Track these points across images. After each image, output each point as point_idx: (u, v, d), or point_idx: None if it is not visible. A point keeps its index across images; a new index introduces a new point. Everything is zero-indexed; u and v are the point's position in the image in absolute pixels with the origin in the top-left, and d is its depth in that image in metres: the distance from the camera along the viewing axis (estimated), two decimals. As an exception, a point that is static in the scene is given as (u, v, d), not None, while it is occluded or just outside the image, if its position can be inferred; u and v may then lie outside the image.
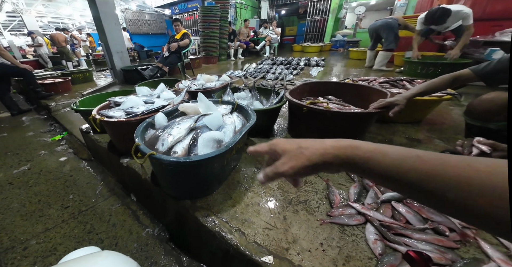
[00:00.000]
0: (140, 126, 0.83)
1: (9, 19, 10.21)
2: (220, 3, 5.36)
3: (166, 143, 0.73)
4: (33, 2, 8.20)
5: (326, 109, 0.99)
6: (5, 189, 1.52)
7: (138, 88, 1.34)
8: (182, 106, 0.95)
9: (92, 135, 1.48)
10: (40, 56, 6.69)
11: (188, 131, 0.80)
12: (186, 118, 0.88)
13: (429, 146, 1.20)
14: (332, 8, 7.56)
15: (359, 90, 1.35)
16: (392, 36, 3.08)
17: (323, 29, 8.08)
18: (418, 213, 0.70)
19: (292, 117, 1.28)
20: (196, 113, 0.92)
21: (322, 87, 1.46)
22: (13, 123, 2.79)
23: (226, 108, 0.95)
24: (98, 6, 2.99)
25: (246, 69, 3.77)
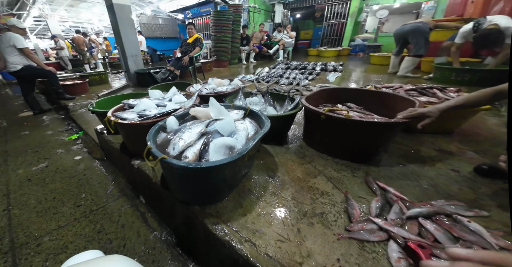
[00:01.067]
0: (152, 130, 0.83)
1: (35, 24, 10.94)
2: (233, 7, 5.42)
3: (177, 147, 0.72)
4: (57, 7, 8.73)
5: (346, 118, 0.93)
6: (24, 185, 1.58)
7: (150, 91, 1.36)
8: (193, 110, 0.94)
9: (106, 135, 1.52)
10: (61, 59, 7.07)
11: (199, 136, 0.78)
12: (197, 122, 0.87)
13: (462, 159, 1.10)
14: (351, 11, 7.30)
15: (383, 98, 1.27)
16: (422, 42, 2.90)
17: (341, 33, 7.81)
18: (449, 231, 0.64)
19: (308, 124, 1.24)
20: (208, 118, 0.91)
21: (341, 94, 1.40)
22: (35, 122, 2.94)
23: (238, 114, 0.93)
24: (115, 11, 3.12)
25: (259, 74, 3.71)
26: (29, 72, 2.87)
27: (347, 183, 0.90)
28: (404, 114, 0.91)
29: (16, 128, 2.73)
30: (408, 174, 0.96)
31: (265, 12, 8.66)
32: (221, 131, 0.75)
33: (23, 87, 3.00)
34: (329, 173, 0.97)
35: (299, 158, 1.10)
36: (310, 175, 0.95)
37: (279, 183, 0.91)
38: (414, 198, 0.81)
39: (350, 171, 0.99)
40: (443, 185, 0.89)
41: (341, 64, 4.03)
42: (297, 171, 0.99)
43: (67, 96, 3.20)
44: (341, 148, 1.06)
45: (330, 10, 7.85)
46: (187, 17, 8.68)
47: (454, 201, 0.77)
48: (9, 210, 1.36)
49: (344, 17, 7.56)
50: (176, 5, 8.44)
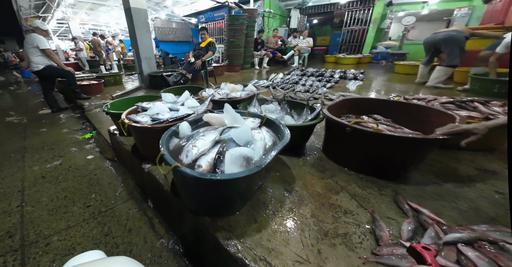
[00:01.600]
0: (165, 135, 0.81)
1: (58, 26, 11.59)
2: (247, 12, 5.41)
3: (190, 154, 0.69)
4: (78, 10, 9.22)
5: (375, 131, 0.86)
6: (38, 182, 1.62)
7: (163, 94, 1.36)
8: (207, 116, 0.91)
9: (118, 137, 1.53)
10: (79, 60, 7.40)
11: (213, 144, 0.75)
12: (210, 129, 0.84)
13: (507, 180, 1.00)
14: (373, 18, 6.95)
15: (415, 111, 1.16)
16: (457, 51, 2.71)
17: (361, 40, 7.44)
18: (494, 260, 0.56)
19: (329, 136, 1.16)
20: (221, 125, 0.88)
21: (366, 105, 1.30)
22: (52, 120, 3.05)
23: (254, 122, 0.89)
24: (132, 15, 3.22)
25: (273, 79, 3.61)
26: (50, 72, 3.00)
27: (373, 202, 0.82)
28: (444, 130, 0.83)
29: (35, 125, 2.84)
30: (444, 194, 0.87)
31: (280, 17, 8.40)
32: (236, 140, 0.72)
33: (44, 86, 3.14)
34: (353, 190, 0.90)
35: (319, 172, 1.03)
36: (332, 191, 0.89)
37: (297, 198, 0.85)
38: (452, 221, 0.73)
39: (377, 188, 0.91)
40: (485, 208, 0.80)
41: (362, 72, 3.80)
42: (317, 185, 0.92)
43: (83, 96, 3.30)
44: (367, 163, 0.98)
45: (350, 16, 7.55)
46: (201, 21, 8.84)
47: (500, 226, 0.69)
48: (22, 207, 1.38)
49: (365, 23, 7.24)
50: (190, 10, 8.63)
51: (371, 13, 6.99)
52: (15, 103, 4.32)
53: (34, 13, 8.90)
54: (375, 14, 6.90)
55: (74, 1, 7.70)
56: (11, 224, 1.25)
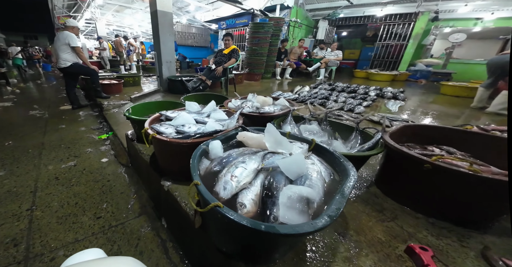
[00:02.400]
0: (195, 154, 0.70)
1: (86, 25, 12.25)
2: (274, 20, 5.25)
3: (229, 187, 0.57)
4: (106, 12, 9.71)
5: (471, 172, 0.68)
6: (51, 184, 1.56)
7: (187, 103, 1.27)
8: (243, 135, 0.80)
9: (136, 143, 1.45)
10: (102, 59, 7.70)
11: (256, 174, 0.63)
12: (248, 152, 0.72)
13: None
14: (415, 33, 6.38)
15: (500, 145, 0.97)
16: None
17: (398, 55, 6.94)
18: None
19: (390, 169, 0.99)
20: (260, 147, 0.75)
21: (431, 134, 1.13)
22: (72, 116, 3.09)
23: (303, 148, 0.75)
24: (158, 17, 3.25)
25: (298, 92, 3.38)
26: (76, 69, 3.07)
27: (454, 256, 0.67)
28: None
29: (55, 121, 2.88)
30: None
31: (306, 28, 8.11)
32: (286, 172, 0.59)
33: (68, 83, 3.21)
34: (424, 238, 0.74)
35: (376, 211, 0.87)
36: (397, 238, 0.73)
37: (353, 245, 0.70)
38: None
39: (456, 238, 0.75)
40: None
41: (402, 91, 3.46)
42: (376, 230, 0.77)
43: (103, 94, 3.34)
44: (443, 206, 0.82)
45: (386, 30, 7.08)
46: (221, 27, 8.90)
47: None
48: (32, 210, 1.32)
49: (404, 38, 6.69)
50: (212, 16, 8.73)
51: (412, 28, 6.46)
52: (40, 96, 4.48)
53: (66, 12, 9.47)
54: (417, 29, 6.35)
55: (103, 3, 8.09)
56: (18, 230, 1.18)
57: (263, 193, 0.55)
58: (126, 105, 3.12)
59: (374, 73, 5.94)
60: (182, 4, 8.15)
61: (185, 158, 0.67)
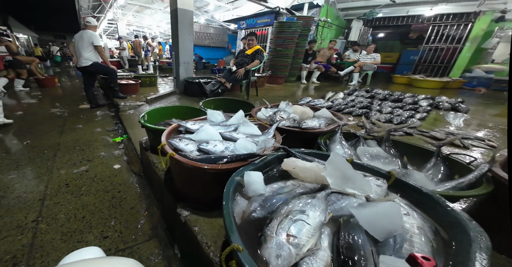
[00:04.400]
0: (227, 193, 0.52)
1: (108, 26, 12.88)
2: (302, 19, 4.90)
3: (285, 255, 0.39)
4: (127, 12, 10.09)
5: None
6: (61, 191, 1.49)
7: (210, 112, 1.10)
8: (293, 165, 0.60)
9: (150, 154, 1.31)
10: (121, 58, 7.95)
11: (320, 227, 0.43)
12: (302, 191, 0.53)
13: None
14: (473, 35, 5.61)
15: None
16: None
17: (450, 60, 6.17)
18: None
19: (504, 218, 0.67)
20: (316, 182, 0.56)
21: None
22: (89, 115, 3.11)
23: (382, 187, 0.53)
24: (178, 16, 3.17)
25: (332, 99, 2.99)
26: (96, 68, 3.09)
27: None
28: None
29: (73, 120, 2.91)
30: None
31: (337, 28, 7.45)
32: (368, 229, 0.39)
33: (86, 82, 3.25)
34: None
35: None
36: None
37: None
38: None
39: None
40: None
41: (462, 102, 2.90)
42: None
43: (120, 94, 3.34)
44: None
45: (435, 32, 6.32)
46: (241, 27, 8.75)
47: None
48: (38, 222, 1.24)
49: (458, 41, 5.93)
50: (231, 15, 8.62)
51: (469, 29, 5.68)
52: (63, 94, 4.64)
53: (91, 13, 10.00)
54: (476, 30, 5.57)
55: (125, 3, 8.39)
56: (20, 245, 1.09)
57: (341, 264, 0.35)
58: (141, 106, 3.07)
59: (419, 80, 5.18)
60: (201, 3, 8.20)
61: (209, 185, 0.50)
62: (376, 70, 5.12)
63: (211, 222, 0.77)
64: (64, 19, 20.71)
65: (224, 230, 0.41)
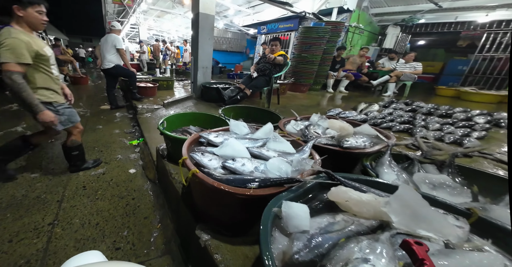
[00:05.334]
0: (265, 232, 0.44)
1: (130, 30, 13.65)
2: (332, 24, 4.63)
3: None
4: (148, 17, 10.63)
5: None
6: (77, 194, 1.50)
7: (234, 123, 1.04)
8: (346, 196, 0.51)
9: (167, 163, 1.28)
10: (141, 61, 8.32)
11: None
12: (358, 230, 0.44)
13: None
14: None
15: None
16: None
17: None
18: None
19: None
20: (375, 218, 0.47)
21: None
22: (109, 117, 3.22)
23: (463, 229, 0.43)
24: (199, 20, 3.20)
25: (366, 112, 2.71)
26: (117, 70, 3.21)
27: None
28: None
29: (94, 120, 3.03)
30: None
31: (369, 34, 6.98)
32: None
33: (109, 83, 3.39)
34: None
35: None
36: None
37: None
38: None
39: None
40: None
41: None
42: None
43: (138, 96, 3.43)
44: None
45: (491, 40, 5.67)
46: (261, 32, 8.63)
47: None
48: (53, 226, 1.25)
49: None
50: (251, 20, 8.56)
51: None
52: (87, 94, 4.91)
53: (115, 17, 10.66)
54: None
55: (147, 8, 8.83)
56: (35, 250, 1.10)
57: None
58: (158, 110, 3.12)
59: (471, 93, 4.58)
60: (221, 8, 8.39)
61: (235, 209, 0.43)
62: (416, 80, 4.65)
63: (234, 250, 0.69)
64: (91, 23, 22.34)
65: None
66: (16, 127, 2.61)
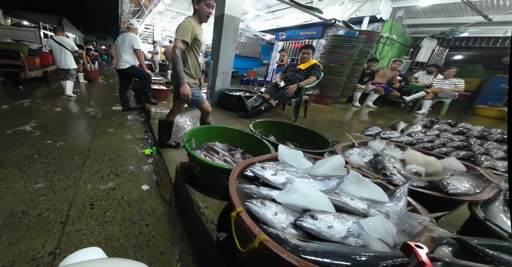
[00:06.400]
0: None
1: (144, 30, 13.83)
2: (366, 34, 4.41)
3: None
4: (163, 18, 10.70)
5: None
6: (84, 214, 1.33)
7: (286, 152, 0.84)
8: None
9: (191, 189, 1.07)
10: (153, 62, 8.30)
11: None
12: None
13: None
14: None
15: None
16: None
17: None
18: None
19: None
20: None
21: None
22: (121, 119, 3.09)
23: None
24: (224, 23, 3.02)
25: (410, 132, 2.45)
26: (133, 71, 3.09)
27: None
28: None
29: (105, 122, 2.90)
30: None
31: (400, 46, 6.64)
32: None
33: (122, 84, 3.27)
34: None
35: None
36: None
37: None
38: None
39: None
40: None
41: None
42: None
43: (152, 100, 3.29)
44: None
45: None
46: (280, 38, 8.41)
47: None
48: (55, 256, 1.06)
49: None
50: (270, 25, 8.31)
51: None
52: (98, 94, 4.83)
53: (131, 17, 10.81)
54: None
55: (163, 9, 8.88)
56: None
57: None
58: (173, 115, 2.96)
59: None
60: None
61: None
62: (456, 98, 4.31)
63: None
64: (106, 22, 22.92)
65: None
66: (25, 126, 2.48)
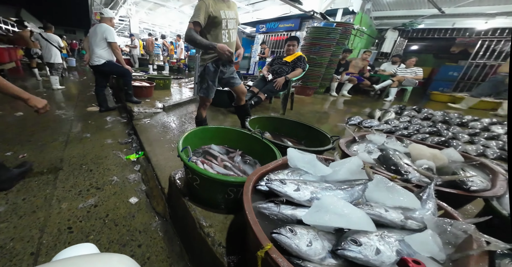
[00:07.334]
0: None
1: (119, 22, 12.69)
2: (342, 26, 4.54)
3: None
4: (140, 9, 9.85)
5: None
6: (60, 241, 1.11)
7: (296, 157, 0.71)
8: None
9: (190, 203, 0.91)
10: (132, 56, 7.67)
11: None
12: None
13: None
14: None
15: None
16: None
17: None
18: None
19: None
20: None
21: None
22: (98, 121, 2.75)
23: None
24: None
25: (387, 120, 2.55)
26: (110, 68, 2.75)
27: None
28: None
29: (80, 126, 2.55)
30: None
31: (368, 38, 6.99)
32: None
33: (98, 82, 2.90)
34: None
35: None
36: None
37: None
38: None
39: None
40: None
41: None
42: None
43: (134, 99, 2.98)
44: None
45: (485, 47, 5.90)
46: (260, 31, 8.38)
47: None
48: None
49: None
50: (250, 18, 8.10)
51: None
52: (70, 93, 4.30)
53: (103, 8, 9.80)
54: None
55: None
56: None
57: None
58: (158, 115, 2.70)
59: (470, 99, 4.57)
60: (218, 4, 7.89)
61: None
62: (416, 85, 4.71)
63: None
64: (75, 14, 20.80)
65: None
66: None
